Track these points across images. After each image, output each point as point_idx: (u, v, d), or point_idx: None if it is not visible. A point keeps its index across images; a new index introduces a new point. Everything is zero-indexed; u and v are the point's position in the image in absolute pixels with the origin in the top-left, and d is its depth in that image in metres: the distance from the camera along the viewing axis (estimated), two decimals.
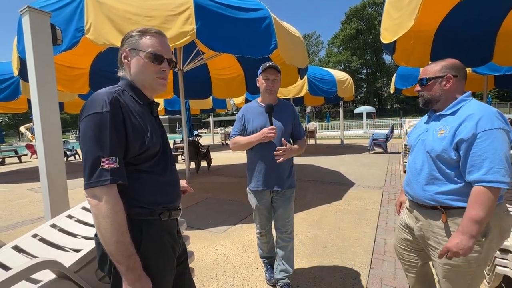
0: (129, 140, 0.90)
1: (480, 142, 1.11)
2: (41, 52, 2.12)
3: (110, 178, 0.82)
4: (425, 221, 1.31)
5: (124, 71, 1.02)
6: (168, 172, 1.03)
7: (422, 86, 1.34)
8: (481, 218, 1.08)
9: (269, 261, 2.21)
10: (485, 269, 1.40)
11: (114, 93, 0.91)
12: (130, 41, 0.98)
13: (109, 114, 0.85)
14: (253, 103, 1.99)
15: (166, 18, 3.02)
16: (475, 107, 1.19)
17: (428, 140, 1.30)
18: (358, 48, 43.93)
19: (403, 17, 2.89)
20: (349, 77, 9.43)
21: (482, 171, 1.10)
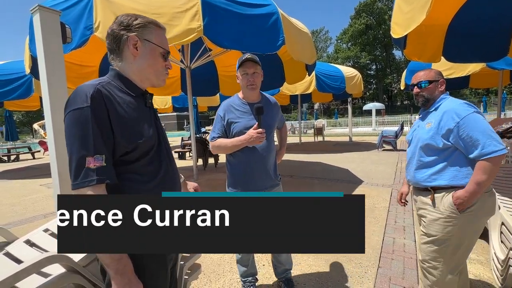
0: (117, 134, 0.85)
1: (465, 127, 1.35)
2: (51, 50, 2.15)
3: (96, 178, 0.79)
4: (420, 200, 1.58)
5: (118, 58, 0.95)
6: (163, 172, 0.97)
7: (421, 88, 1.57)
8: (482, 181, 1.31)
9: (253, 279, 1.97)
10: (469, 248, 1.49)
11: (96, 85, 0.85)
12: (142, 31, 0.93)
13: (90, 109, 0.80)
14: (234, 100, 1.78)
15: (173, 15, 3.03)
16: (450, 102, 1.48)
17: (419, 133, 1.57)
18: (368, 43, 43.13)
19: (414, 11, 2.81)
20: (358, 73, 9.27)
21: (479, 148, 1.32)
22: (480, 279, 2.01)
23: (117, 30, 0.92)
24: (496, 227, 2.03)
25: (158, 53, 0.97)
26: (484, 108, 20.11)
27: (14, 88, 6.76)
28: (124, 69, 0.95)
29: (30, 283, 1.00)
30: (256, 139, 1.60)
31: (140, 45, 0.93)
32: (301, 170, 6.44)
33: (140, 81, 0.98)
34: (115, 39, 0.93)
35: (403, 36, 3.35)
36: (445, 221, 1.42)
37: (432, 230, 1.47)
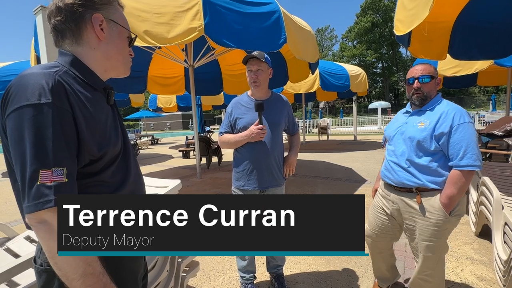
0: (83, 139, 0.67)
1: (455, 133, 1.36)
2: (54, 48, 2.18)
3: (54, 198, 0.62)
4: (402, 202, 1.52)
5: (76, 41, 0.74)
6: (132, 178, 0.83)
7: (423, 83, 1.48)
8: (453, 195, 1.35)
9: (251, 276, 1.95)
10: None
11: (54, 74, 0.65)
12: (108, 9, 0.77)
13: (51, 106, 0.61)
14: (243, 97, 1.83)
15: (174, 15, 3.04)
16: (448, 105, 1.45)
17: (408, 131, 1.51)
18: (374, 41, 42.64)
19: (418, 7, 2.77)
20: (362, 72, 9.18)
21: (458, 157, 1.34)
22: (482, 280, 1.98)
23: (76, 6, 0.71)
24: (499, 228, 1.99)
25: (125, 36, 0.82)
26: (493, 106, 19.72)
27: None
28: (84, 55, 0.75)
29: (29, 277, 1.02)
30: (256, 135, 1.64)
31: (105, 26, 0.76)
32: (304, 169, 6.42)
33: (104, 71, 0.80)
34: (73, 16, 0.71)
35: (407, 34, 3.31)
36: (435, 223, 1.40)
37: (426, 234, 1.43)
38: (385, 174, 1.63)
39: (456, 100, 29.93)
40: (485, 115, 16.94)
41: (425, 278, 1.51)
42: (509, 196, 2.24)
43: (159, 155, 10.93)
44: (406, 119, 1.58)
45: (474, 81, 8.43)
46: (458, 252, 2.37)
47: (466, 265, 2.17)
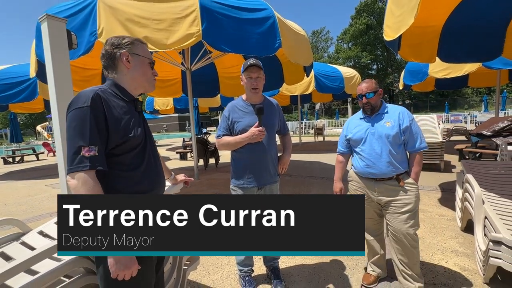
0: (111, 130, 1.00)
1: (413, 126, 1.82)
2: (58, 56, 2.28)
3: (89, 164, 0.92)
4: (385, 189, 1.83)
5: (114, 71, 1.13)
6: (146, 164, 1.12)
7: (369, 98, 1.85)
8: (419, 170, 1.83)
9: (249, 270, 2.05)
10: None
11: (96, 90, 1.02)
12: (131, 47, 1.13)
13: (89, 108, 0.96)
14: (239, 101, 1.95)
15: (173, 21, 3.16)
16: (397, 107, 1.90)
17: (379, 131, 1.84)
18: (368, 43, 43.06)
19: (404, 15, 2.91)
20: (356, 74, 9.36)
21: (418, 142, 1.82)
22: (465, 270, 2.11)
23: (110, 50, 1.11)
24: (480, 221, 2.13)
25: (146, 63, 1.17)
26: (485, 107, 20.08)
27: (19, 91, 6.93)
28: (119, 79, 1.13)
29: (45, 266, 1.12)
30: (257, 136, 1.79)
31: (131, 58, 1.12)
32: (300, 169, 6.55)
33: (134, 89, 1.17)
34: (110, 57, 1.12)
35: (397, 39, 3.45)
36: (415, 194, 1.79)
37: (411, 204, 1.77)
38: (367, 171, 1.88)
39: (449, 101, 30.32)
40: (477, 115, 17.24)
41: (414, 245, 1.78)
42: (489, 192, 2.39)
43: None
44: (369, 123, 1.91)
45: (465, 82, 8.65)
46: (444, 245, 2.51)
47: (450, 257, 2.30)
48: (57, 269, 1.10)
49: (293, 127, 21.02)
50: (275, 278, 2.04)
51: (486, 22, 3.92)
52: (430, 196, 4.01)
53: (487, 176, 2.70)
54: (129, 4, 3.17)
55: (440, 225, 2.94)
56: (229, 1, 3.52)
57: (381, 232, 2.06)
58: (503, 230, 1.76)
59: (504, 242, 1.72)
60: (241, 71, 1.88)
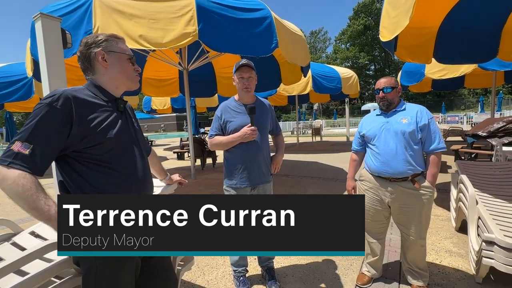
0: (79, 131, 0.95)
1: (431, 125, 1.75)
2: (53, 54, 2.26)
3: (10, 161, 0.86)
4: (399, 192, 1.77)
5: (92, 72, 1.09)
6: (127, 165, 1.08)
7: (387, 93, 1.82)
8: (436, 172, 1.76)
9: (243, 270, 2.05)
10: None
11: (66, 90, 0.98)
12: (104, 45, 1.08)
13: (47, 106, 0.91)
14: (230, 101, 1.95)
15: (169, 20, 3.15)
16: (415, 105, 1.85)
17: (394, 127, 1.78)
18: (366, 44, 43.24)
19: (400, 16, 2.92)
20: (354, 74, 9.39)
21: (436, 142, 1.74)
22: (458, 270, 2.12)
23: (85, 50, 1.07)
24: (474, 222, 2.14)
25: (124, 59, 1.12)
26: (481, 108, 20.22)
27: (15, 89, 6.87)
28: (98, 79, 1.10)
29: (35, 267, 1.11)
30: (249, 136, 1.80)
31: (107, 57, 1.08)
32: (297, 169, 6.55)
33: (115, 88, 1.13)
34: (85, 58, 1.08)
35: (393, 40, 3.46)
36: (430, 198, 1.76)
37: (425, 210, 1.75)
38: (382, 169, 1.81)
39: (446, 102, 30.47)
40: (473, 116, 17.36)
41: (422, 243, 1.81)
42: (483, 192, 2.40)
43: None
44: (385, 119, 1.85)
45: (462, 83, 8.72)
46: (439, 245, 2.52)
47: (444, 257, 2.32)
48: (48, 270, 1.09)
49: (291, 127, 21.03)
50: (270, 278, 2.04)
51: (481, 24, 3.94)
52: None
53: (481, 176, 2.72)
54: (125, 3, 3.16)
55: (434, 225, 2.95)
56: (226, 1, 3.52)
57: (384, 235, 2.03)
58: (495, 230, 1.78)
59: (496, 242, 1.73)
60: (233, 71, 1.89)
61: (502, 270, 1.70)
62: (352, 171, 2.12)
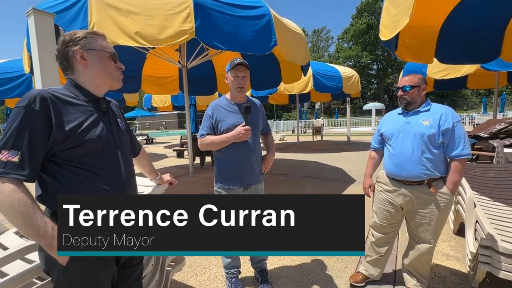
0: (57, 132, 0.91)
1: (456, 129, 1.63)
2: (45, 49, 2.25)
3: (1, 171, 0.83)
4: (414, 194, 1.70)
5: (71, 71, 1.04)
6: (108, 167, 1.04)
7: (405, 92, 1.73)
8: (458, 180, 1.65)
9: (236, 271, 2.03)
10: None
11: (42, 91, 0.93)
12: (83, 42, 1.02)
13: (24, 109, 0.87)
14: (222, 100, 1.90)
15: (166, 17, 3.11)
16: (442, 107, 1.72)
17: (414, 129, 1.69)
18: (369, 43, 43.00)
19: (400, 14, 2.87)
20: (355, 73, 9.32)
21: (460, 148, 1.62)
22: (455, 274, 2.09)
23: (62, 49, 1.02)
24: (471, 225, 2.10)
25: (105, 57, 1.07)
26: (484, 109, 20.08)
27: (15, 86, 6.87)
28: (78, 79, 1.05)
29: (17, 268, 1.08)
30: (243, 135, 1.75)
31: (86, 55, 1.02)
32: (295, 169, 6.52)
33: (97, 87, 1.08)
34: (63, 57, 1.02)
35: (393, 38, 3.41)
36: (447, 205, 1.67)
37: (440, 218, 1.67)
38: (396, 171, 1.76)
39: (449, 102, 30.36)
40: (475, 117, 17.23)
41: (430, 251, 1.74)
42: (481, 195, 2.36)
43: (154, 155, 10.94)
44: (406, 119, 1.76)
45: (464, 84, 8.63)
46: (436, 248, 2.47)
47: (441, 261, 2.28)
48: (29, 271, 1.06)
49: (292, 126, 20.97)
50: (263, 280, 2.02)
51: (484, 24, 3.88)
52: None
53: (481, 178, 2.67)
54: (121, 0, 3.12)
55: None
56: None
57: (393, 238, 1.96)
58: (493, 235, 1.74)
59: (493, 247, 1.69)
60: (227, 69, 1.83)
61: (499, 276, 1.66)
62: (370, 169, 2.07)
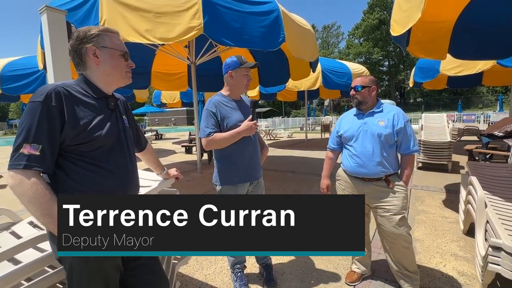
0: (69, 128, 0.94)
1: (407, 128, 1.80)
2: (58, 46, 2.30)
3: (25, 163, 0.87)
4: (374, 190, 1.81)
5: (83, 68, 1.07)
6: (114, 164, 1.06)
7: (357, 91, 1.84)
8: (410, 173, 1.83)
9: (241, 266, 2.05)
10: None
11: (56, 86, 0.96)
12: (96, 40, 1.04)
13: (41, 103, 0.91)
14: (220, 97, 1.87)
15: (174, 14, 3.13)
16: (392, 107, 1.86)
17: (371, 129, 1.80)
18: (381, 39, 42.07)
19: (412, 9, 2.80)
20: (365, 70, 9.15)
21: (411, 145, 1.79)
22: (463, 275, 2.05)
23: (76, 45, 1.04)
24: (481, 225, 2.05)
25: (117, 55, 1.09)
26: (500, 107, 19.41)
27: (29, 82, 7.06)
28: (90, 75, 1.07)
29: (29, 256, 1.13)
30: (252, 130, 1.79)
31: (99, 53, 1.05)
32: (303, 166, 6.49)
33: (107, 85, 1.11)
34: (76, 53, 1.05)
35: (405, 34, 3.33)
36: (404, 196, 1.78)
37: (400, 206, 1.75)
38: (357, 170, 1.84)
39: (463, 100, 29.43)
40: (491, 115, 16.68)
41: (406, 246, 1.76)
42: (493, 195, 2.30)
43: (163, 150, 11.09)
44: (363, 120, 1.86)
45: (479, 81, 8.34)
46: (444, 249, 2.44)
47: (449, 261, 2.24)
48: (40, 260, 1.11)
49: (300, 123, 20.82)
50: (268, 275, 2.03)
51: (500, 19, 3.75)
52: (435, 197, 3.91)
53: (493, 178, 2.60)
54: None
55: (441, 228, 2.86)
56: None
57: (366, 232, 2.02)
58: (503, 236, 1.69)
59: (504, 248, 1.65)
60: (236, 66, 1.80)
61: (509, 278, 1.62)
62: (327, 170, 2.16)
